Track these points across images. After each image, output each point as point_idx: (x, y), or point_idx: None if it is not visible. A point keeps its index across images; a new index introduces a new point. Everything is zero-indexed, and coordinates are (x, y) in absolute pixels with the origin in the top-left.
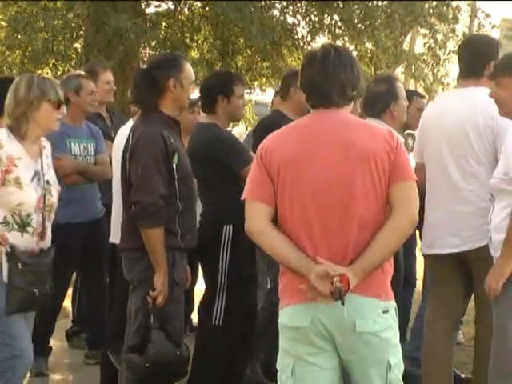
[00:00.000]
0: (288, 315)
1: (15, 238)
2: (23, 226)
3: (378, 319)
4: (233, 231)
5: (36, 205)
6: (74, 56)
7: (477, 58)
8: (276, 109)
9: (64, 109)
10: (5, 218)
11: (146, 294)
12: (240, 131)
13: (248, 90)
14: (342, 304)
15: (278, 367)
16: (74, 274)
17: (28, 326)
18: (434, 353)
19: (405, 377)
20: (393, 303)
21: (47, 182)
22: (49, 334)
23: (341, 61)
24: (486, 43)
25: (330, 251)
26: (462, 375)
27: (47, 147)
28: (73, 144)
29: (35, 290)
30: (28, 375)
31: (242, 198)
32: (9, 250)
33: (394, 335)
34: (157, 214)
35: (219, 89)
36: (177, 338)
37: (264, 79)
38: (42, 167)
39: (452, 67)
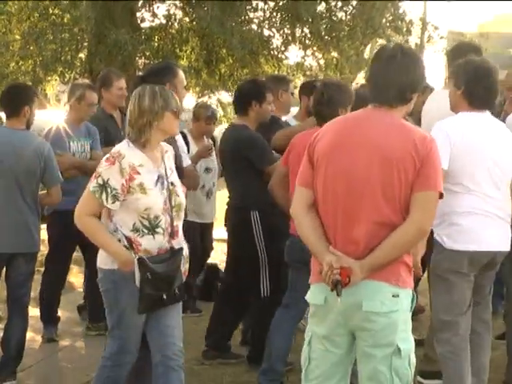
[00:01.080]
0: (310, 292)
1: (148, 241)
2: (152, 228)
3: (386, 301)
4: (259, 216)
5: (163, 207)
6: (78, 64)
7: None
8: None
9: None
10: (134, 224)
11: None
12: (222, 129)
13: (230, 93)
14: (337, 295)
15: (305, 334)
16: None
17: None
18: None
19: None
20: (408, 291)
21: (171, 184)
22: (56, 305)
23: (404, 64)
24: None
25: (346, 241)
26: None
27: (169, 151)
28: (71, 143)
29: (163, 294)
30: (40, 341)
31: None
32: (138, 258)
33: (403, 320)
34: None
35: (253, 94)
36: None
37: None
38: (165, 170)
39: None
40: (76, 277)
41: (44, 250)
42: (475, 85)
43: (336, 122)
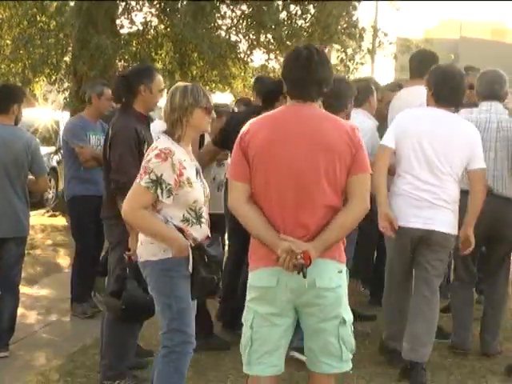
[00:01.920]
0: (257, 277)
1: (196, 231)
2: (198, 218)
3: (334, 277)
4: None
5: (204, 198)
6: (64, 67)
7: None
8: None
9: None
10: (183, 215)
11: (123, 252)
12: None
13: None
14: (304, 277)
15: (242, 320)
16: None
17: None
18: None
19: None
20: (344, 266)
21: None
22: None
23: (320, 61)
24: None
25: (296, 227)
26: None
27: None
28: (91, 136)
29: (215, 277)
30: (30, 316)
31: (227, 177)
32: (193, 244)
33: (345, 294)
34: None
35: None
36: (146, 285)
37: (213, 84)
38: (197, 164)
39: (358, 75)
40: (63, 259)
41: (33, 234)
42: (442, 86)
43: (266, 118)
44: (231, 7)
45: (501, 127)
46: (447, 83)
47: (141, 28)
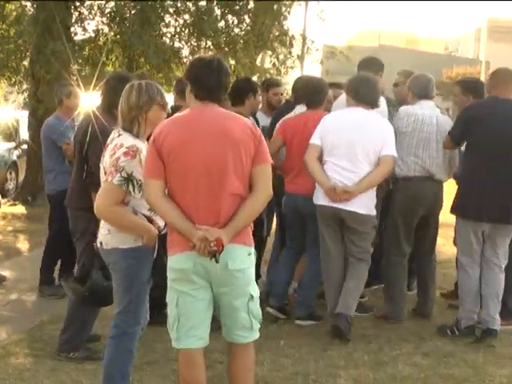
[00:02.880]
0: (176, 260)
1: (159, 219)
2: None
3: (244, 259)
4: None
5: None
6: (23, 70)
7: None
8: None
9: (167, 108)
10: (150, 208)
11: (89, 241)
12: None
13: None
14: (217, 262)
15: (167, 301)
16: None
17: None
18: None
19: None
20: (253, 249)
21: None
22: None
23: (226, 69)
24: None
25: (209, 215)
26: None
27: None
28: (70, 133)
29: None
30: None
31: (142, 175)
32: (157, 231)
33: (253, 273)
34: None
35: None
36: (108, 274)
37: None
38: None
39: (289, 78)
40: (23, 243)
41: None
42: (359, 89)
43: (177, 119)
44: (175, 17)
45: (438, 122)
46: (363, 86)
47: (93, 35)
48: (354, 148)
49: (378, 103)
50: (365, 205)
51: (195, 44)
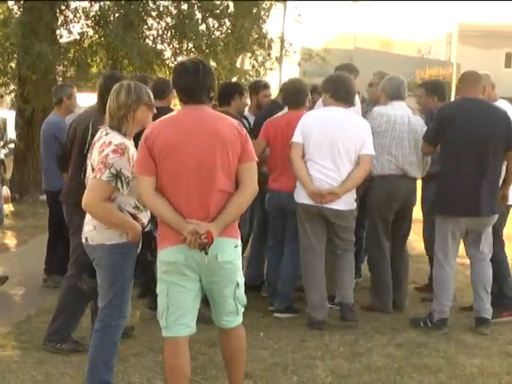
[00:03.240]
0: (167, 253)
1: (145, 217)
2: (144, 206)
3: (232, 252)
4: None
5: None
6: (10, 71)
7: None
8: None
9: (154, 109)
10: (135, 203)
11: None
12: None
13: None
14: (206, 254)
15: (157, 292)
16: None
17: None
18: None
19: None
20: (239, 241)
21: None
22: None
23: (206, 71)
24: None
25: (200, 211)
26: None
27: None
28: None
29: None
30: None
31: (134, 173)
32: (141, 228)
33: (240, 263)
34: None
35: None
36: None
37: None
38: None
39: (268, 79)
40: (10, 240)
41: None
42: (338, 88)
43: (167, 120)
44: (157, 20)
45: (410, 122)
46: (342, 85)
47: (78, 37)
48: (337, 147)
49: (354, 102)
50: (346, 201)
51: (177, 46)
